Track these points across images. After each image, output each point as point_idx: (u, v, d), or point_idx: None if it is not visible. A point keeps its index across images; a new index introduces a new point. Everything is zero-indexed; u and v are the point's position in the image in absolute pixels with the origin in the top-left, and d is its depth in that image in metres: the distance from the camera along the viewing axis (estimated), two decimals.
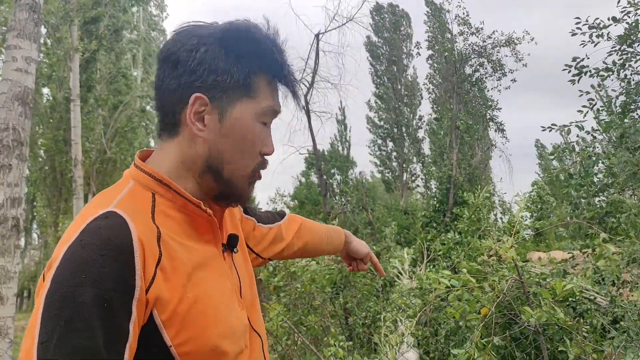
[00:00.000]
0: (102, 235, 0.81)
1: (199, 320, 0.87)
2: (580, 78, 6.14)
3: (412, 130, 31.57)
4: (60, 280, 0.77)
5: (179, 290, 0.86)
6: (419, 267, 8.45)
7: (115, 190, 0.94)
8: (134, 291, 0.80)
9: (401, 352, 5.15)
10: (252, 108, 0.98)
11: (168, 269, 0.86)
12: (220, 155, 0.97)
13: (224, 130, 0.97)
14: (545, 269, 5.53)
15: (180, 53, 0.96)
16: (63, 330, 0.74)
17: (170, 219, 0.93)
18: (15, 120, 3.79)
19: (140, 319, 0.81)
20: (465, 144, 15.84)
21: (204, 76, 0.95)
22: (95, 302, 0.76)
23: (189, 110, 0.96)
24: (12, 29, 3.84)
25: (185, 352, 0.85)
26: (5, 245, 3.73)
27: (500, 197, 18.19)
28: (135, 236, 0.82)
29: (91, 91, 15.70)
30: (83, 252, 0.79)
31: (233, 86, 0.96)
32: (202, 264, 0.94)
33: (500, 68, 15.10)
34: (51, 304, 0.76)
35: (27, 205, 25.02)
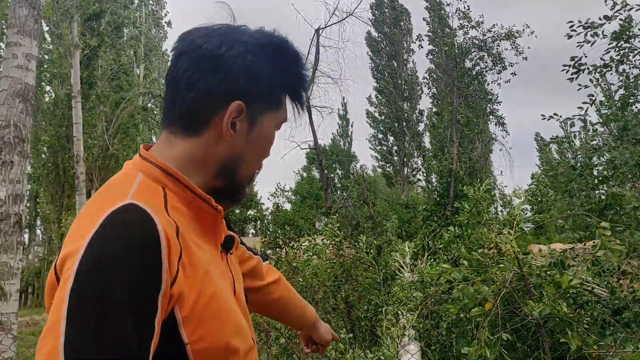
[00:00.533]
0: (128, 228, 0.78)
1: (214, 318, 0.87)
2: (578, 76, 6.18)
3: (412, 125, 31.54)
4: (88, 276, 0.73)
5: (197, 286, 0.85)
6: (420, 260, 8.46)
7: (124, 183, 0.91)
8: (160, 286, 0.77)
9: (402, 344, 5.17)
10: (275, 119, 1.04)
11: (187, 265, 0.84)
12: (238, 159, 1.00)
13: (251, 137, 1.00)
14: (546, 260, 5.54)
15: (226, 57, 0.94)
16: (95, 329, 0.70)
17: (181, 215, 0.91)
18: (16, 117, 3.80)
19: (163, 314, 0.79)
20: (465, 138, 15.83)
21: (247, 84, 0.95)
22: (126, 299, 0.73)
23: (228, 116, 0.95)
24: (12, 25, 3.85)
25: (199, 349, 0.84)
26: (7, 241, 3.74)
27: (500, 190, 18.21)
28: (161, 230, 0.80)
29: (93, 88, 15.71)
30: (109, 246, 0.75)
31: (269, 99, 1.01)
32: (211, 261, 0.93)
33: (501, 61, 15.06)
34: (79, 302, 0.72)
35: (31, 202, 25.09)
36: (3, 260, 3.72)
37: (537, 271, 4.87)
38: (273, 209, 13.70)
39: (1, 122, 3.78)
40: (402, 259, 8.15)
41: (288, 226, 11.66)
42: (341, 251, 7.79)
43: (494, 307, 3.76)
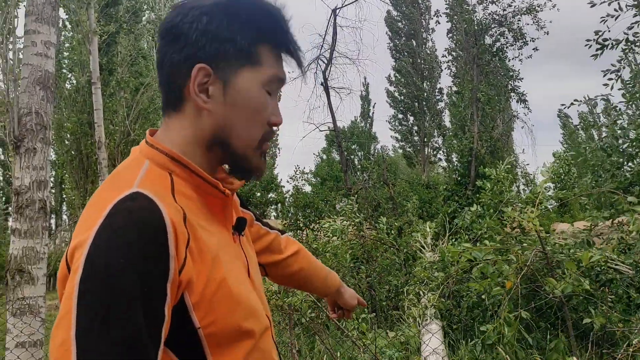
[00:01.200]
0: (134, 217, 0.78)
1: (224, 302, 0.87)
2: (602, 53, 6.03)
3: (432, 104, 31.20)
4: (95, 267, 0.73)
5: (205, 272, 0.85)
6: (441, 240, 8.44)
7: (131, 170, 0.91)
8: (168, 274, 0.78)
9: (424, 324, 5.18)
10: (256, 76, 0.95)
11: (195, 251, 0.85)
12: (226, 127, 0.95)
13: (229, 100, 0.94)
14: (570, 240, 5.48)
15: (181, 25, 0.93)
16: (105, 317, 0.71)
17: (189, 200, 0.91)
18: (37, 105, 3.85)
19: (173, 300, 0.79)
20: (486, 116, 15.58)
21: (207, 46, 0.93)
22: (136, 287, 0.73)
23: (192, 82, 0.93)
24: (30, 13, 3.87)
25: (211, 332, 0.85)
26: (33, 227, 3.82)
27: (523, 168, 17.97)
28: (166, 217, 0.80)
29: (112, 74, 15.82)
30: (116, 235, 0.75)
31: (236, 55, 0.93)
32: (221, 245, 0.93)
33: (522, 37, 14.71)
34: (89, 290, 0.72)
35: (56, 188, 25.53)
36: (30, 246, 3.80)
37: (560, 249, 4.82)
38: (293, 191, 13.74)
39: (23, 110, 3.83)
40: (423, 239, 8.13)
41: (308, 208, 11.68)
42: (361, 232, 7.80)
43: (515, 286, 3.73)
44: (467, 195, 13.42)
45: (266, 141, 1.00)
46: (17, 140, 3.82)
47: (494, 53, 15.22)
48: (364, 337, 4.79)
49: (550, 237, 5.56)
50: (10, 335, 3.72)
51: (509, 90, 15.62)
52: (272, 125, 1.00)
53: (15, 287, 3.76)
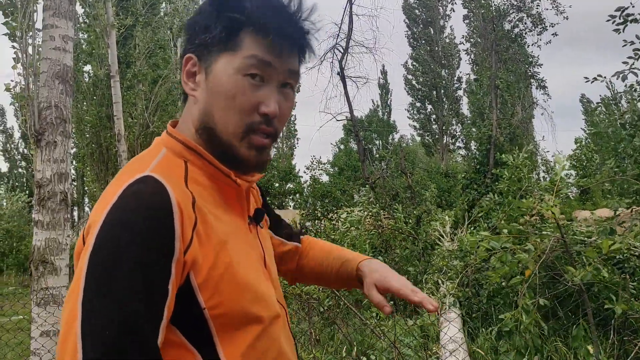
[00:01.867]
0: (142, 198, 0.83)
1: (230, 286, 0.89)
2: (625, 27, 5.85)
3: (450, 92, 30.91)
4: (103, 242, 0.79)
5: (212, 255, 0.88)
6: (460, 229, 8.39)
7: (149, 156, 0.96)
8: (173, 252, 0.82)
9: (442, 312, 5.17)
10: (232, 61, 0.94)
11: (202, 234, 0.87)
12: (209, 113, 0.97)
13: (209, 85, 0.96)
14: (591, 227, 5.40)
15: (186, 24, 1.02)
16: (107, 289, 0.76)
17: (202, 187, 0.94)
18: (56, 98, 3.90)
19: (178, 280, 0.83)
20: (505, 103, 15.38)
21: (194, 37, 0.99)
22: (138, 264, 0.78)
23: (182, 71, 1.00)
24: (48, 8, 3.92)
25: (217, 314, 0.88)
26: (55, 218, 3.88)
27: (543, 155, 17.73)
28: (173, 199, 0.84)
29: (130, 67, 15.94)
30: (124, 215, 0.81)
31: (216, 42, 0.95)
32: (231, 232, 0.95)
33: (541, 22, 14.44)
34: (95, 264, 0.78)
35: (78, 181, 25.92)
36: (52, 237, 3.87)
37: (580, 237, 4.76)
38: (310, 181, 13.75)
39: (43, 104, 3.89)
40: (442, 228, 8.10)
41: (326, 198, 11.69)
42: (379, 222, 7.79)
43: (534, 274, 3.70)
44: (486, 183, 13.30)
45: (255, 132, 0.96)
46: (38, 134, 3.88)
47: (513, 39, 14.98)
48: (383, 325, 4.80)
49: (572, 225, 5.50)
50: (35, 325, 3.80)
51: (528, 76, 15.37)
52: (263, 115, 0.96)
53: (39, 278, 3.84)
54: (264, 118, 0.96)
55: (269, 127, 0.97)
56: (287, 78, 0.99)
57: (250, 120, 0.95)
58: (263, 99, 0.95)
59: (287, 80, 0.99)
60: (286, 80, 0.99)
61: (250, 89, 0.94)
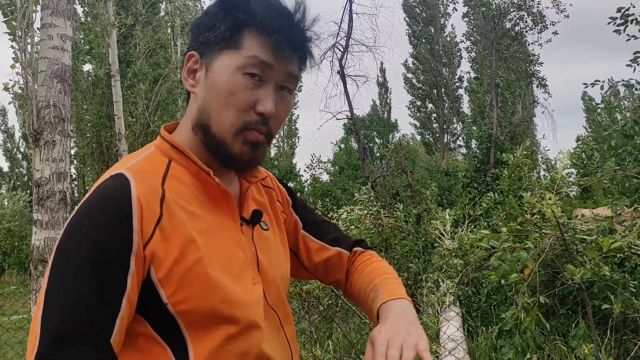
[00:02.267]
0: (104, 193, 0.87)
1: (197, 282, 0.89)
2: (626, 27, 5.84)
3: (451, 90, 30.89)
4: (65, 235, 0.85)
5: (177, 250, 0.89)
6: (460, 228, 8.39)
7: (134, 156, 0.99)
8: (131, 246, 0.84)
9: (442, 311, 5.17)
10: (233, 59, 0.95)
11: (168, 229, 0.89)
12: (206, 109, 0.98)
13: (208, 82, 0.98)
14: (591, 225, 5.39)
15: (192, 24, 1.04)
16: (62, 279, 0.81)
17: (182, 185, 0.96)
18: (55, 97, 3.90)
19: (140, 273, 0.86)
20: (506, 102, 15.36)
21: (198, 36, 1.01)
22: (90, 253, 0.82)
23: (184, 68, 1.02)
24: (46, 7, 3.92)
25: (183, 310, 0.89)
26: (54, 218, 3.89)
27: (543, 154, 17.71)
28: (134, 195, 0.87)
29: (130, 66, 15.94)
30: (87, 208, 0.86)
31: (218, 40, 0.97)
32: (210, 231, 0.95)
33: (541, 20, 14.42)
34: (56, 256, 0.84)
35: (79, 180, 25.93)
36: (51, 236, 3.87)
37: (580, 235, 4.75)
38: (311, 180, 13.75)
39: (41, 103, 3.89)
40: (442, 226, 8.10)
41: (326, 197, 11.68)
42: (379, 220, 7.78)
43: (533, 273, 3.69)
44: (486, 182, 13.29)
45: (251, 129, 0.97)
46: (37, 133, 3.88)
47: (513, 37, 14.96)
48: None
49: (572, 223, 5.48)
50: None
51: (528, 75, 15.36)
52: (259, 114, 0.96)
53: (38, 277, 3.84)
54: (260, 117, 0.96)
55: (264, 126, 0.98)
56: (285, 80, 1.00)
57: (246, 118, 0.96)
58: (260, 98, 0.96)
59: (286, 82, 1.00)
60: (284, 83, 1.00)
61: (248, 87, 0.95)
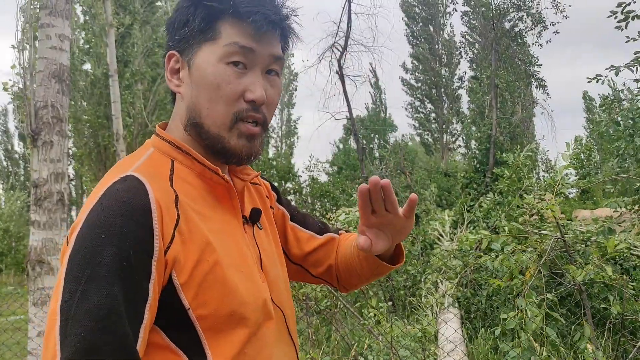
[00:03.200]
0: (121, 197, 0.82)
1: (217, 285, 0.87)
2: (627, 23, 5.80)
3: (451, 91, 30.89)
4: (82, 242, 0.79)
5: (196, 253, 0.86)
6: (459, 229, 8.37)
7: (135, 157, 0.96)
8: (152, 251, 0.81)
9: (441, 313, 5.16)
10: (213, 51, 0.93)
11: (185, 232, 0.86)
12: (195, 107, 0.95)
13: (193, 79, 0.95)
14: (591, 227, 5.38)
15: (166, 24, 1.02)
16: (83, 289, 0.75)
17: (189, 186, 0.93)
18: (53, 98, 3.88)
19: (160, 279, 0.82)
20: (505, 102, 15.36)
21: (174, 34, 0.98)
22: (114, 261, 0.77)
23: (166, 69, 0.99)
24: (44, 7, 3.90)
25: (202, 315, 0.85)
26: (52, 218, 3.87)
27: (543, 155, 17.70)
28: (152, 197, 0.83)
29: (128, 66, 15.92)
30: (102, 214, 0.80)
31: (193, 34, 0.95)
32: (221, 231, 0.93)
33: (541, 21, 14.42)
34: (73, 265, 0.78)
35: (77, 180, 25.90)
36: (49, 237, 3.86)
37: (581, 237, 4.74)
38: (309, 181, 13.74)
39: (39, 103, 3.87)
40: (441, 227, 8.08)
41: (325, 198, 11.67)
42: None
43: (534, 275, 3.68)
44: (485, 182, 13.29)
45: (244, 120, 0.95)
46: (34, 134, 3.86)
47: (513, 38, 14.96)
48: (381, 326, 4.78)
49: (572, 224, 5.48)
50: (32, 324, 3.80)
51: (528, 75, 15.36)
52: (249, 102, 0.94)
53: (36, 278, 3.83)
54: (250, 105, 0.94)
55: (257, 113, 0.95)
56: (271, 63, 0.98)
57: (236, 108, 0.94)
58: (248, 86, 0.94)
59: (271, 65, 0.98)
60: (270, 66, 0.98)
61: (234, 76, 0.93)
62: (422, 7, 31.67)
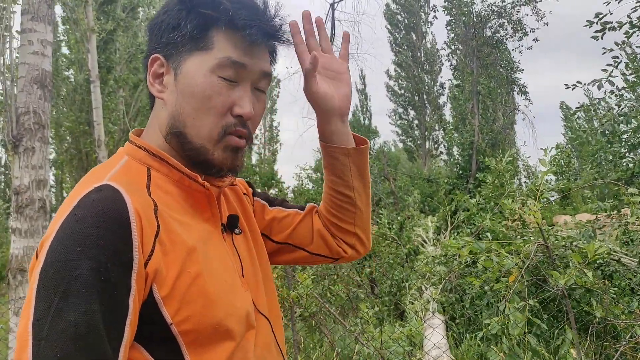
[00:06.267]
0: (97, 207, 0.77)
1: (201, 297, 0.84)
2: (603, 34, 5.93)
3: (433, 97, 31.14)
4: (55, 255, 0.73)
5: (178, 264, 0.82)
6: (443, 234, 8.42)
7: (108, 166, 0.91)
8: (132, 264, 0.76)
9: (426, 318, 5.18)
10: (205, 61, 0.91)
11: (167, 242, 0.82)
12: (179, 116, 0.92)
13: (179, 87, 0.92)
14: (572, 232, 5.46)
15: (150, 24, 0.97)
16: (58, 306, 0.70)
17: (167, 194, 0.90)
18: (35, 104, 3.84)
19: (141, 294, 0.78)
20: (487, 109, 15.53)
21: (160, 37, 0.94)
22: (92, 276, 0.72)
23: (148, 72, 0.95)
24: (26, 12, 3.85)
25: (186, 330, 0.82)
26: (33, 226, 3.82)
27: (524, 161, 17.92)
28: (131, 208, 0.79)
29: (111, 72, 15.78)
30: (77, 225, 0.75)
31: (184, 41, 0.92)
32: (201, 240, 0.90)
33: (521, 28, 14.63)
34: (45, 279, 0.72)
35: (57, 187, 25.55)
36: (30, 245, 3.81)
37: (562, 242, 4.80)
38: (294, 187, 13.72)
39: (21, 109, 3.82)
40: (425, 233, 8.12)
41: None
42: None
43: (518, 280, 3.71)
44: (468, 188, 13.40)
45: (231, 134, 0.93)
46: (16, 140, 3.81)
47: (494, 45, 15.15)
48: (368, 331, 4.78)
49: (553, 230, 5.55)
50: (13, 334, 3.73)
51: (509, 82, 15.56)
52: (237, 116, 0.93)
53: (17, 287, 3.77)
54: (237, 119, 0.93)
55: (244, 128, 0.94)
56: (260, 79, 0.97)
57: (224, 122, 0.92)
58: (237, 100, 0.92)
59: (260, 82, 0.97)
60: (259, 83, 0.97)
61: (225, 89, 0.91)
62: (405, 15, 31.93)
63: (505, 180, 6.17)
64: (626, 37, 5.78)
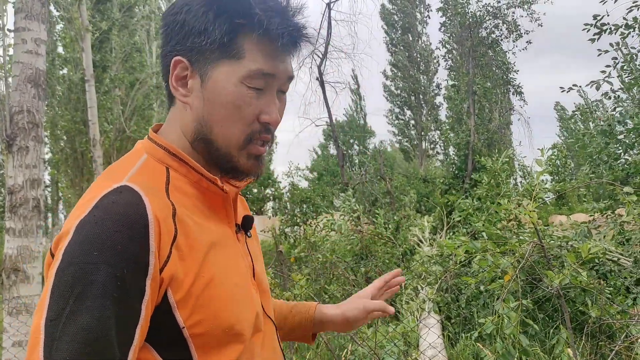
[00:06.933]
0: (117, 211, 0.77)
1: (214, 301, 0.84)
2: (600, 37, 5.94)
3: (429, 98, 31.20)
4: (72, 256, 0.74)
5: (194, 269, 0.83)
6: (439, 234, 8.43)
7: (128, 163, 0.91)
8: (147, 270, 0.77)
9: (422, 318, 5.18)
10: (235, 71, 0.89)
11: (184, 247, 0.82)
12: (206, 123, 0.91)
13: (206, 94, 0.90)
14: (568, 232, 5.47)
15: (169, 18, 0.93)
16: (72, 309, 0.71)
17: (185, 196, 0.89)
18: (29, 103, 3.81)
19: (154, 298, 0.78)
20: (483, 109, 15.57)
21: (184, 39, 0.90)
22: (108, 281, 0.73)
23: (171, 76, 0.93)
24: (20, 10, 3.83)
25: (198, 333, 0.83)
26: (27, 225, 3.80)
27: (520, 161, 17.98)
28: (150, 213, 0.79)
29: (106, 71, 15.72)
30: (96, 228, 0.75)
31: (212, 47, 0.88)
32: (217, 243, 0.90)
33: (516, 29, 14.67)
34: (62, 280, 0.73)
35: (52, 187, 25.47)
36: (24, 244, 3.79)
37: (558, 242, 4.80)
38: (289, 187, 13.72)
39: (15, 108, 3.80)
40: (421, 233, 8.13)
41: (305, 204, 11.66)
42: (359, 227, 7.78)
43: (513, 279, 3.71)
44: (464, 188, 13.42)
45: (255, 141, 0.93)
46: (10, 139, 3.79)
47: (489, 45, 15.18)
48: (363, 332, 4.78)
49: (548, 230, 5.56)
50: (7, 334, 3.73)
51: (504, 82, 15.60)
52: (264, 124, 0.93)
53: (11, 286, 3.76)
54: (263, 126, 0.93)
55: (268, 134, 0.94)
56: (285, 85, 0.96)
57: (251, 129, 0.92)
58: (264, 108, 0.92)
59: (284, 86, 0.97)
60: (283, 87, 0.96)
61: (253, 98, 0.90)
62: (400, 16, 31.97)
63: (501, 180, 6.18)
64: (621, 39, 5.79)
